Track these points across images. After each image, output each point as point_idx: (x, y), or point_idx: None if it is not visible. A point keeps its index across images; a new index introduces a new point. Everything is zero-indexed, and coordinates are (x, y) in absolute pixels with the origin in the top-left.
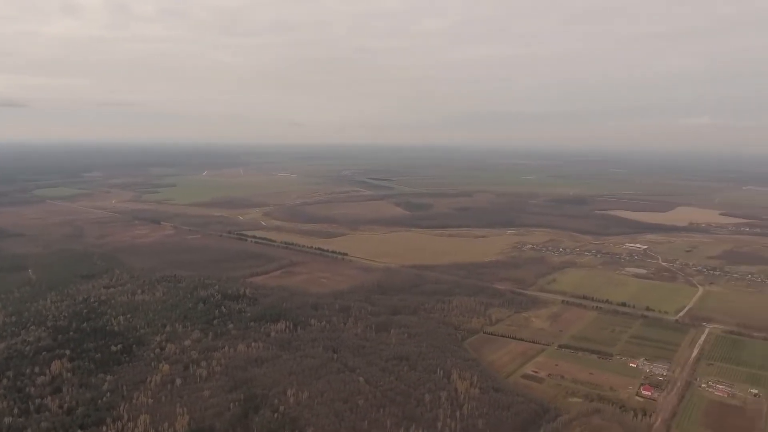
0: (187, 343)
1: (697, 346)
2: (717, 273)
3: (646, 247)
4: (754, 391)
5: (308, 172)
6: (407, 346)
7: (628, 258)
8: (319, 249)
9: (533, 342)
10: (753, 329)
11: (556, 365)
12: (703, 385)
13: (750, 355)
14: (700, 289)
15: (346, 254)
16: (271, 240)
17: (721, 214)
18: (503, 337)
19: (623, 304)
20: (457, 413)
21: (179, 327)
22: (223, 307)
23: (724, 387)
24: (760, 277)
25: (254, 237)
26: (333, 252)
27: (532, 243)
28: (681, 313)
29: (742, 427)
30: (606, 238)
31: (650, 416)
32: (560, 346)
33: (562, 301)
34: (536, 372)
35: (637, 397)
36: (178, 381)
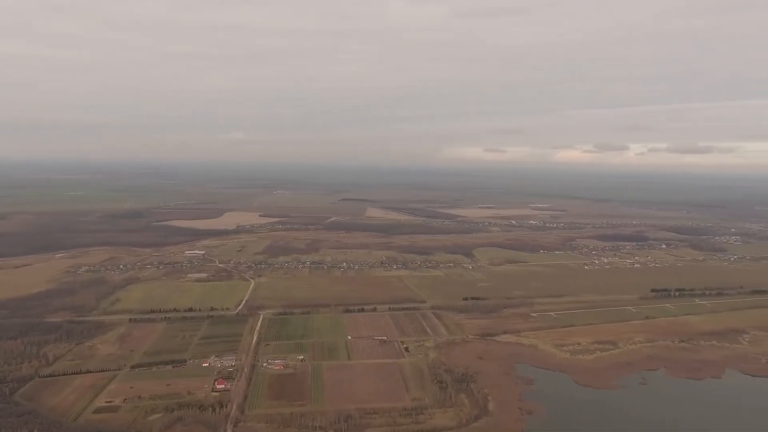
0: None
1: (256, 332)
2: (263, 266)
3: (203, 252)
4: (301, 357)
5: None
6: None
7: (189, 264)
8: None
9: (103, 371)
10: (294, 307)
11: (132, 387)
12: (264, 365)
13: (294, 329)
14: (252, 282)
15: None
16: None
17: (260, 216)
18: (66, 375)
19: (190, 309)
20: None
21: None
22: None
23: (280, 361)
24: (294, 264)
25: None
26: None
27: (88, 264)
28: (240, 307)
29: (296, 389)
30: (166, 249)
31: (226, 406)
32: (133, 367)
33: (130, 320)
34: (110, 402)
35: (213, 393)
36: None
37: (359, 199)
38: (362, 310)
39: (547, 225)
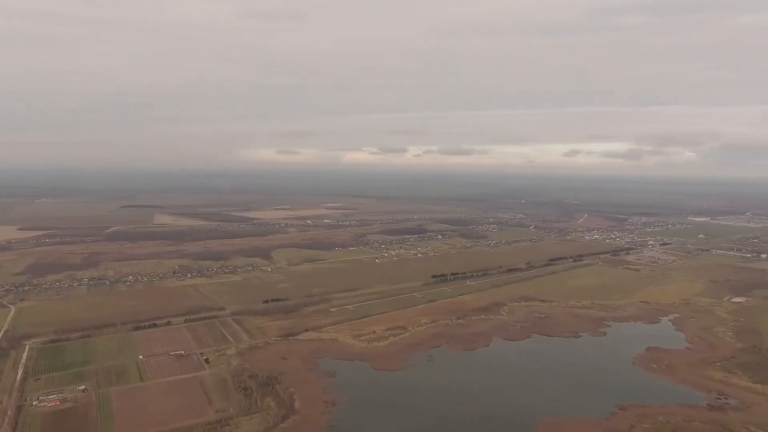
0: None
1: (21, 367)
2: (26, 288)
3: None
4: (82, 387)
5: None
6: None
7: None
8: None
9: None
10: (71, 332)
11: None
12: (35, 403)
13: (72, 356)
14: (13, 308)
15: None
16: None
17: (19, 229)
18: None
19: None
20: None
21: None
22: None
23: (55, 396)
24: (68, 283)
25: None
26: None
27: None
28: None
29: (78, 425)
30: None
31: None
32: None
33: None
34: None
35: None
36: None
37: (144, 206)
38: (155, 325)
39: (341, 223)
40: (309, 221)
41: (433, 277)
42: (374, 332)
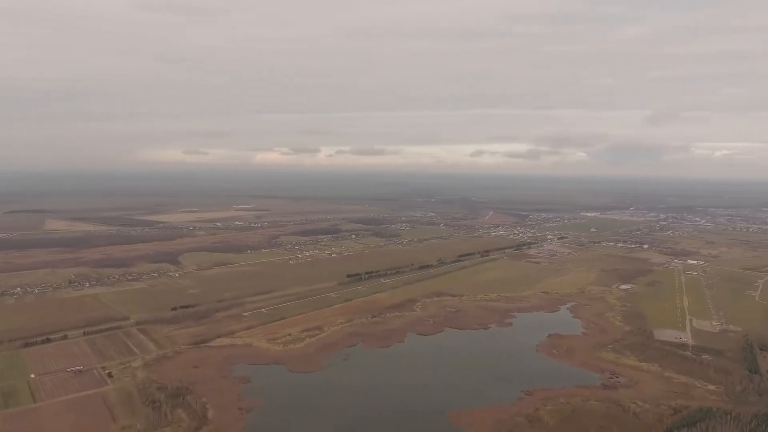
0: None
1: None
2: None
3: None
4: None
5: None
6: None
7: None
8: None
9: None
10: None
11: None
12: None
13: None
14: None
15: None
16: None
17: None
18: None
19: None
20: None
21: None
22: None
23: None
24: None
25: None
26: None
27: None
28: None
29: None
30: None
31: None
32: None
33: None
34: None
35: None
36: None
37: (34, 210)
38: (48, 340)
39: (252, 225)
40: (219, 224)
41: (348, 276)
42: (290, 334)
